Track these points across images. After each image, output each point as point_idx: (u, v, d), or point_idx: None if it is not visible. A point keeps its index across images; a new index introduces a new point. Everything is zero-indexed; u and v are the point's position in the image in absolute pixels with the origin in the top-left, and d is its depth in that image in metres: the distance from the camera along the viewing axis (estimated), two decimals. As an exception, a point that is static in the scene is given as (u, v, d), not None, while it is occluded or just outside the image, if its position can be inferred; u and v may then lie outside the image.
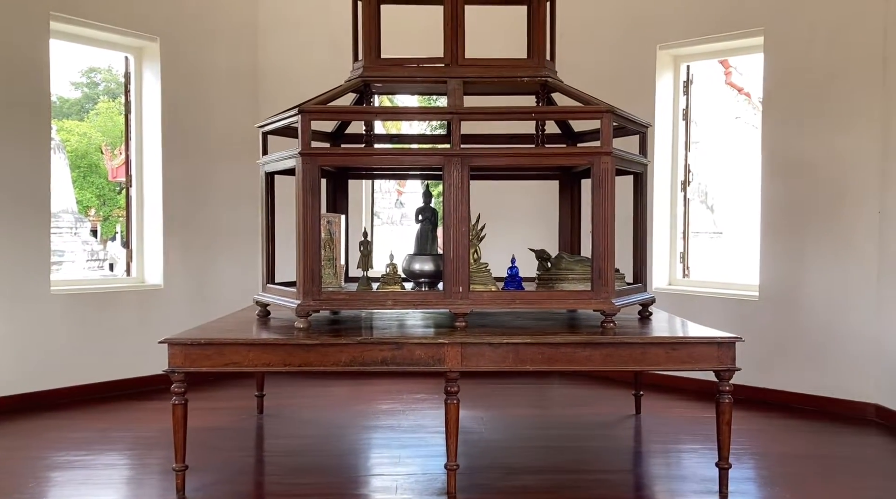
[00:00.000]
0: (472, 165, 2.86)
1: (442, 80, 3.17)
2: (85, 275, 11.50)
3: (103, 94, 21.38)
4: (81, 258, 11.82)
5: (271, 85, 4.92)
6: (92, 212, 18.10)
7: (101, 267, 12.57)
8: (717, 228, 15.03)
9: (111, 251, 14.42)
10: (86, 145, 19.86)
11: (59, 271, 11.22)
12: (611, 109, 2.84)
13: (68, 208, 12.18)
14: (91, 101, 21.84)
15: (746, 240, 13.22)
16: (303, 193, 2.83)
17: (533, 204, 4.74)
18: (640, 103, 4.53)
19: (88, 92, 22.36)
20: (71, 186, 12.63)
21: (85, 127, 20.65)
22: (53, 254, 11.49)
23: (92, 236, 12.52)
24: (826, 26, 3.91)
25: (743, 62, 9.99)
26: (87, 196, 19.11)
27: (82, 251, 11.88)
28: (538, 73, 3.19)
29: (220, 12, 4.70)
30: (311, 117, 2.87)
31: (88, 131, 20.33)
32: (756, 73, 13.80)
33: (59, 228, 11.74)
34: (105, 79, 21.57)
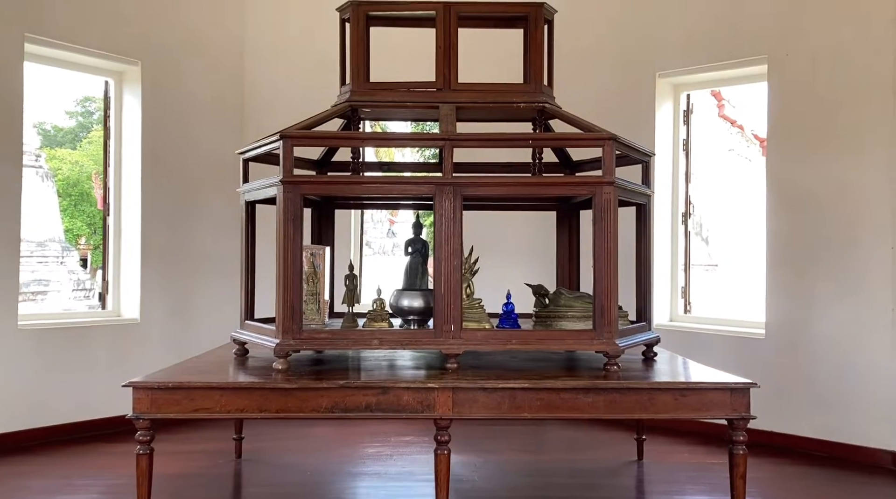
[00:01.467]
0: (465, 195, 2.68)
1: (434, 105, 3.01)
2: (69, 305, 11.26)
3: (97, 123, 21.30)
4: (67, 288, 11.59)
5: (257, 110, 4.75)
6: (82, 240, 17.87)
7: (87, 297, 12.30)
8: (712, 261, 14.90)
9: (100, 281, 14.14)
10: (77, 173, 19.72)
11: (43, 301, 10.97)
12: (613, 137, 2.67)
13: (55, 237, 11.98)
14: (85, 130, 21.75)
15: (742, 272, 13.07)
16: (283, 223, 2.63)
17: (529, 235, 4.55)
18: (639, 133, 4.36)
19: (83, 121, 22.28)
20: (59, 214, 12.43)
21: (77, 155, 20.53)
22: (38, 284, 11.25)
23: (81, 266, 12.30)
24: (831, 54, 3.77)
25: (743, 92, 9.93)
26: (78, 224, 18.92)
27: (68, 281, 11.66)
28: (535, 98, 3.03)
29: (205, 35, 4.55)
30: (294, 143, 2.69)
31: (80, 159, 20.20)
32: (749, 106, 13.74)
33: (45, 258, 11.51)
34: (99, 107, 21.52)
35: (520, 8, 3.17)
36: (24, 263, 10.49)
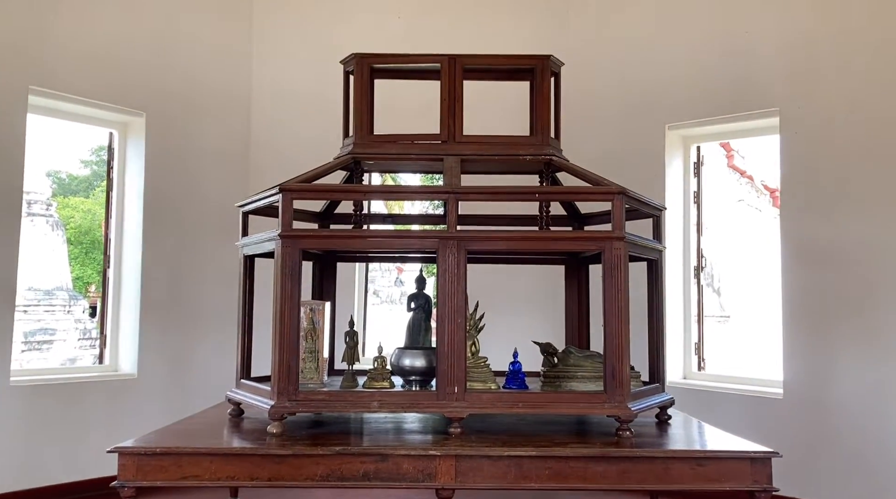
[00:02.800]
0: (470, 249, 2.58)
1: (438, 157, 2.94)
2: (75, 354, 11.16)
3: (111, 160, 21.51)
4: (73, 337, 11.53)
5: (262, 161, 4.71)
6: (92, 288, 17.87)
7: (93, 346, 12.24)
8: (724, 312, 14.72)
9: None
10: (90, 221, 19.86)
11: (49, 351, 10.89)
12: (623, 191, 2.58)
13: (63, 285, 11.96)
14: (99, 178, 21.98)
15: (755, 324, 12.86)
16: (281, 278, 2.54)
17: (536, 289, 4.44)
18: (649, 185, 4.30)
19: (97, 169, 22.54)
20: (67, 263, 12.44)
21: (89, 204, 20.72)
22: (44, 333, 11.19)
23: (90, 315, 12.25)
24: (845, 107, 3.70)
25: (753, 143, 9.92)
26: (89, 272, 18.96)
27: (74, 330, 11.60)
28: (542, 151, 2.95)
29: (210, 85, 4.54)
30: (294, 196, 2.62)
31: (93, 208, 20.37)
32: (759, 157, 13.76)
33: (52, 307, 11.47)
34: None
35: (526, 60, 3.12)
36: (30, 312, 10.48)
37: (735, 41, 4.08)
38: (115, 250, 4.28)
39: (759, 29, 3.99)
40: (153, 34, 4.24)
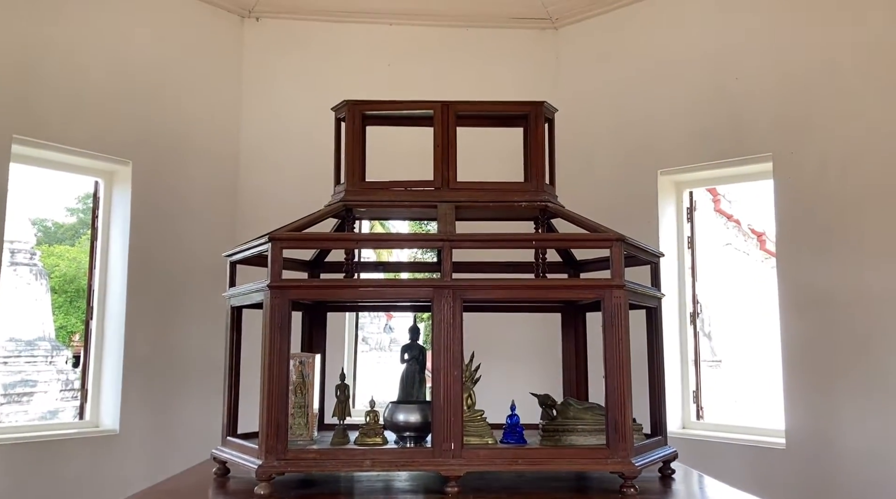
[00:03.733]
0: (466, 298, 2.51)
1: (432, 204, 2.88)
2: (56, 406, 10.90)
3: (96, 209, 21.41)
4: (55, 389, 11.29)
5: (251, 209, 4.65)
6: (76, 338, 17.60)
7: (75, 398, 12.00)
8: (715, 357, 14.64)
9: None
10: (75, 270, 19.69)
11: (29, 403, 10.62)
12: (621, 238, 2.52)
13: (46, 336, 11.75)
14: (85, 226, 21.89)
15: (748, 369, 12.76)
16: (270, 331, 2.45)
17: (532, 337, 4.35)
18: (642, 230, 4.25)
19: (83, 217, 22.44)
20: (51, 312, 12.25)
21: (75, 252, 20.55)
22: (24, 385, 10.95)
23: (73, 365, 12.03)
24: (839, 153, 3.68)
25: (740, 189, 9.97)
26: (73, 321, 18.71)
27: (56, 381, 11.36)
28: (537, 197, 2.91)
29: (198, 133, 4.49)
30: (284, 246, 2.54)
31: (78, 256, 20.20)
32: (745, 201, 13.81)
33: (33, 357, 11.24)
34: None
35: (520, 107, 3.09)
36: (11, 364, 10.21)
37: (726, 87, 4.09)
38: (99, 301, 4.17)
39: (749, 75, 4.00)
40: (142, 81, 4.20)
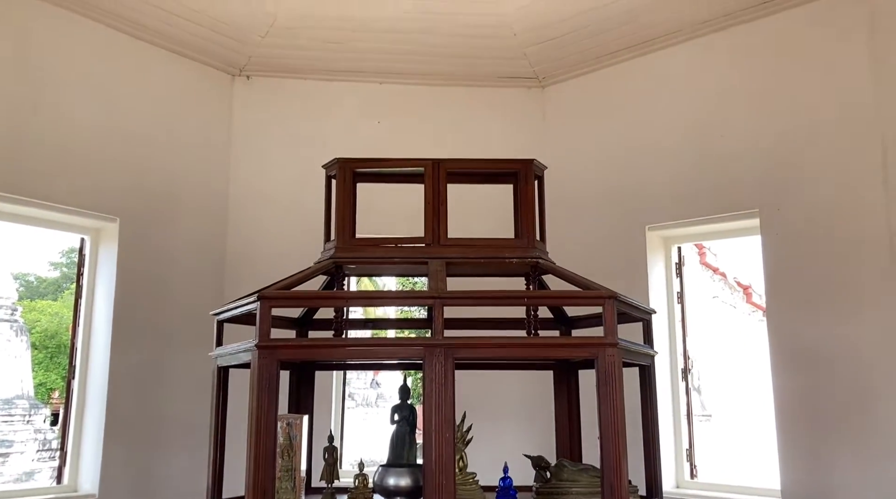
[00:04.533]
0: (458, 357, 2.47)
1: (423, 260, 2.87)
2: (32, 467, 10.58)
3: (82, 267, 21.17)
4: (32, 449, 10.99)
5: (239, 266, 4.60)
6: (55, 395, 17.22)
7: (53, 458, 11.67)
8: (705, 411, 14.51)
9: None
10: (56, 325, 19.39)
11: (4, 464, 10.30)
12: (614, 295, 2.51)
13: (24, 394, 11.49)
14: (68, 280, 21.65)
15: (739, 424, 12.65)
16: (257, 391, 2.40)
17: (524, 395, 4.29)
18: (631, 286, 4.24)
19: (67, 271, 22.21)
20: (30, 370, 12.00)
21: (57, 306, 20.28)
22: (1, 445, 10.62)
23: (52, 423, 11.72)
24: (825, 210, 3.70)
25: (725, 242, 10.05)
26: (53, 377, 18.35)
27: (33, 441, 11.07)
28: (528, 254, 2.91)
29: (187, 190, 4.47)
30: (272, 304, 2.51)
31: (60, 311, 19.92)
32: (730, 254, 13.88)
33: (10, 416, 10.96)
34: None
35: (509, 164, 3.12)
36: (-13, 423, 9.90)
37: (711, 144, 4.14)
38: (82, 359, 4.07)
39: (734, 133, 4.06)
40: (131, 138, 4.19)
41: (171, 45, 4.41)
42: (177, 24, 4.21)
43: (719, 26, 4.12)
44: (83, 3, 3.94)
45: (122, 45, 4.21)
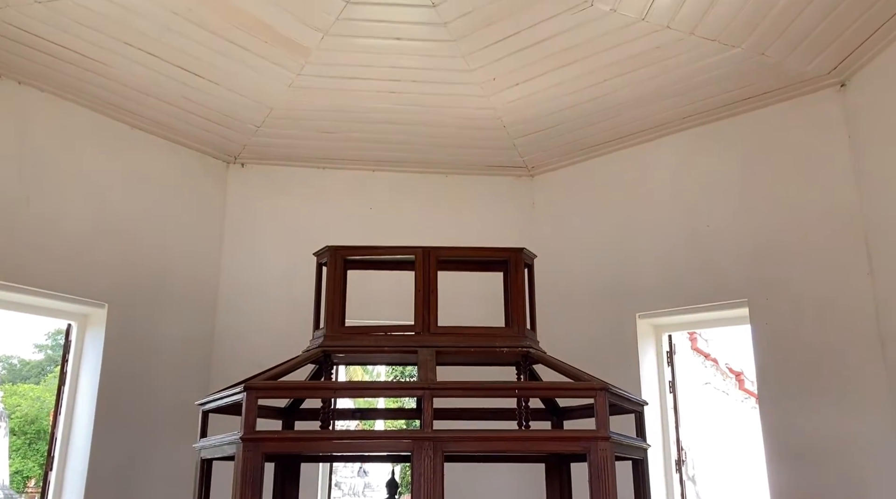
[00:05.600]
0: (447, 450, 2.41)
1: (412, 349, 2.85)
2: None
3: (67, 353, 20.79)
4: (1, 545, 10.55)
5: (226, 355, 4.54)
6: (31, 483, 16.64)
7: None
8: (701, 502, 14.13)
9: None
10: (37, 410, 18.92)
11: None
12: (605, 387, 2.48)
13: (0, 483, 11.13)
14: (53, 363, 21.25)
15: (735, 512, 12.30)
16: (241, 485, 2.32)
17: (515, 489, 4.18)
18: (623, 374, 4.22)
19: (52, 354, 21.83)
20: (7, 458, 11.66)
21: (39, 391, 19.84)
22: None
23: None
24: (813, 301, 3.72)
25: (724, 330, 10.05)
26: (30, 464, 17.76)
27: (4, 538, 10.64)
28: (518, 342, 2.89)
29: (177, 276, 4.46)
30: (259, 395, 2.46)
31: (42, 395, 19.49)
32: (721, 340, 13.89)
33: (-17, 509, 10.59)
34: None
35: (499, 253, 3.14)
36: (-44, 517, 9.53)
37: (698, 234, 4.20)
38: (61, 451, 3.96)
39: (720, 224, 4.12)
40: (122, 224, 4.21)
41: (168, 134, 4.50)
42: (175, 115, 4.31)
43: (703, 120, 4.25)
44: (84, 94, 4.03)
45: (120, 134, 4.29)
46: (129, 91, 4.03)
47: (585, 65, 3.83)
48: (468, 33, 3.66)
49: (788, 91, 3.90)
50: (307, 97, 4.20)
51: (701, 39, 3.53)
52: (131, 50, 3.68)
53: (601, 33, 3.56)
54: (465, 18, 3.56)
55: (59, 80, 3.88)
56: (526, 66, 3.89)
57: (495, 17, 3.53)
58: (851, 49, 3.50)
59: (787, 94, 3.92)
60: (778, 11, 3.26)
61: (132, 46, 3.65)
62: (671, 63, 3.75)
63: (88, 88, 3.98)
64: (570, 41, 3.65)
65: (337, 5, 3.47)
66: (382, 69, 3.95)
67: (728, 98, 4.04)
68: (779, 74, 3.77)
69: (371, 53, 3.82)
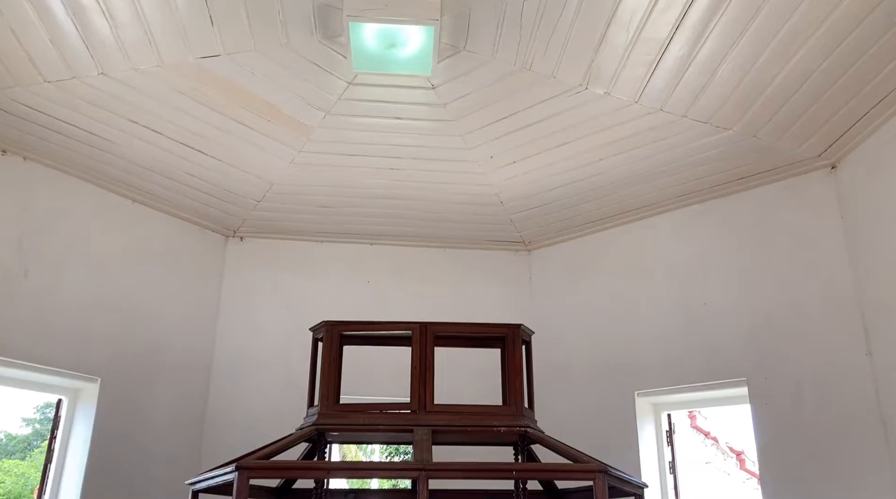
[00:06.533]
0: (443, 536, 2.35)
1: (408, 428, 2.80)
2: None
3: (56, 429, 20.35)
4: None
5: (219, 431, 4.46)
6: (10, 569, 15.99)
7: None
8: None
9: None
10: (21, 487, 18.37)
11: None
12: (604, 469, 2.44)
13: (-29, 572, 10.67)
14: (40, 437, 20.75)
15: None
16: (230, 571, 2.25)
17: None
18: (622, 454, 4.15)
19: (39, 428, 21.35)
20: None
21: (24, 466, 19.31)
22: None
23: None
24: (812, 381, 3.68)
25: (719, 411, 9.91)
26: (11, 548, 17.11)
27: None
28: (516, 422, 2.85)
29: (173, 350, 4.42)
30: (251, 475, 2.41)
31: (27, 471, 18.97)
32: (721, 418, 13.66)
33: None
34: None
35: (497, 329, 3.13)
36: None
37: (696, 312, 4.19)
38: (43, 530, 3.84)
39: (717, 303, 4.12)
40: (118, 297, 4.19)
41: (169, 209, 4.54)
42: (177, 190, 4.36)
43: (698, 199, 4.31)
44: (88, 169, 4.09)
45: (122, 208, 4.33)
46: (133, 166, 4.10)
47: (580, 144, 3.92)
48: (466, 113, 3.76)
49: (781, 172, 3.98)
50: (308, 173, 4.26)
51: (693, 122, 3.62)
52: (136, 127, 3.75)
53: (596, 115, 3.65)
54: (464, 100, 3.66)
55: (63, 155, 3.94)
56: (522, 145, 3.98)
57: (492, 99, 3.63)
58: (841, 132, 3.58)
59: (779, 175, 3.99)
60: (768, 95, 3.36)
61: (137, 124, 3.73)
62: (665, 144, 3.83)
63: (92, 164, 4.04)
64: (565, 122, 3.74)
65: (340, 86, 3.57)
66: (382, 147, 4.04)
67: (722, 178, 4.11)
68: (771, 156, 3.85)
69: (371, 132, 3.91)
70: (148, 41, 3.16)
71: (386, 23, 2.97)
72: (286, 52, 3.31)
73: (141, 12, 2.97)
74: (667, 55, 3.17)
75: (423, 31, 3.03)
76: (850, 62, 3.08)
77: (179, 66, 3.34)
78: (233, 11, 3.03)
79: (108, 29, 3.06)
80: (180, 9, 2.97)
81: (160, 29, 3.09)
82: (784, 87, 3.29)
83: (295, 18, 3.11)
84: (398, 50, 3.16)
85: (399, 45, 3.13)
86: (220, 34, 3.16)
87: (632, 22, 2.99)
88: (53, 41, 3.11)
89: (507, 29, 3.14)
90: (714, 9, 2.86)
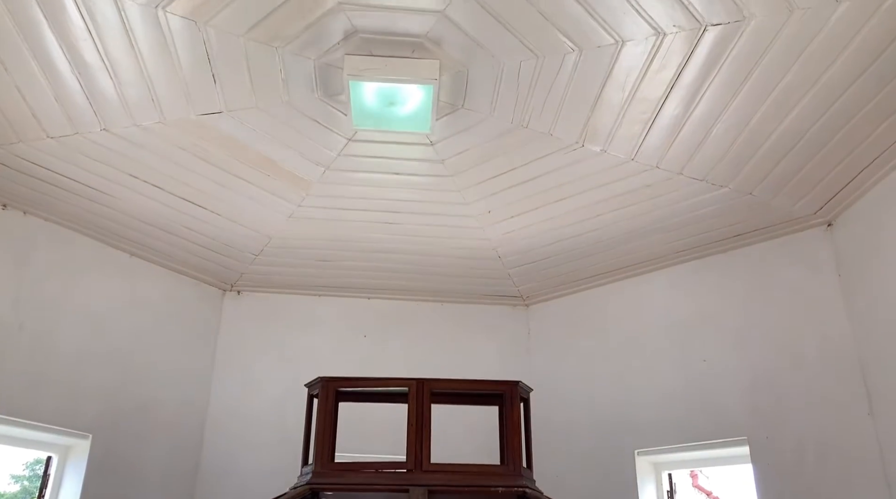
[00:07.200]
0: None
1: (404, 488, 2.75)
2: None
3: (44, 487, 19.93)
4: None
5: (211, 490, 4.36)
6: None
7: None
8: None
9: None
10: (5, 549, 17.88)
11: None
12: (605, 531, 2.38)
13: None
14: (29, 495, 20.31)
15: None
16: None
17: None
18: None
19: (28, 485, 20.93)
20: None
21: (10, 527, 18.84)
22: None
23: None
24: (815, 440, 3.61)
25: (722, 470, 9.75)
26: None
27: None
28: (514, 482, 2.81)
29: (165, 406, 4.36)
30: (242, 536, 2.35)
31: (12, 531, 18.48)
32: (723, 477, 13.45)
33: None
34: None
35: (495, 386, 3.11)
36: None
37: (694, 369, 4.16)
38: None
39: (717, 359, 4.09)
40: (112, 352, 4.15)
41: (167, 262, 4.54)
42: (176, 244, 4.37)
43: (696, 255, 4.32)
44: (87, 223, 4.10)
45: (119, 262, 4.33)
46: (132, 221, 4.11)
47: (577, 201, 3.94)
48: (464, 169, 3.79)
49: (777, 229, 3.99)
50: (306, 227, 4.28)
51: (689, 179, 3.66)
52: (137, 182, 3.78)
53: (592, 172, 3.69)
54: (462, 156, 3.70)
55: (63, 209, 3.96)
56: (520, 201, 4.00)
57: (490, 155, 3.67)
58: (836, 191, 3.61)
59: (776, 232, 4.01)
60: (763, 154, 3.39)
61: (138, 178, 3.75)
62: (661, 200, 3.86)
63: (92, 218, 4.05)
64: (562, 178, 3.77)
65: (339, 142, 3.61)
66: (381, 201, 4.06)
67: (719, 234, 4.13)
68: (767, 213, 3.87)
69: (370, 187, 3.94)
70: (151, 98, 3.21)
71: (385, 82, 3.02)
72: (287, 110, 3.36)
73: (145, 70, 3.02)
74: (662, 114, 3.21)
75: (423, 90, 3.08)
76: (843, 121, 3.13)
77: (181, 123, 3.39)
78: (235, 69, 3.08)
79: (111, 87, 3.11)
80: (184, 67, 3.03)
81: (163, 86, 3.14)
82: (779, 145, 3.33)
83: (296, 77, 3.16)
84: (397, 108, 3.21)
85: (398, 103, 3.18)
86: (222, 91, 3.21)
87: (627, 81, 3.04)
88: (58, 98, 3.16)
89: (505, 88, 3.20)
90: (708, 69, 2.92)
